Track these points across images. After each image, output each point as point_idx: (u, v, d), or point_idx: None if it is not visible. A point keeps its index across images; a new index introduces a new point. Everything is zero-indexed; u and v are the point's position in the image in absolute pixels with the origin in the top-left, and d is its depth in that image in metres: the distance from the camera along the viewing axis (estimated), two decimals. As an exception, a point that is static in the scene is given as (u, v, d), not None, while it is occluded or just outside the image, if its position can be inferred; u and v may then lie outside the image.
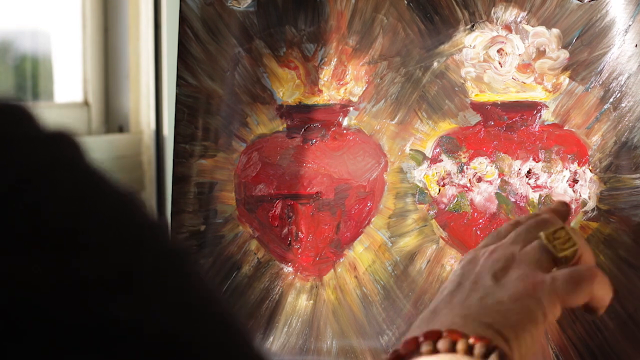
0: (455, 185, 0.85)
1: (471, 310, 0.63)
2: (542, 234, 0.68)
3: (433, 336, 0.60)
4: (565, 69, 0.82)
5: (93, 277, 0.33)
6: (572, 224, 0.82)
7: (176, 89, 0.91)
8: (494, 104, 0.84)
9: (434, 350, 0.60)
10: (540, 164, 0.83)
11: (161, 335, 0.34)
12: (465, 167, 0.84)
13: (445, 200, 0.85)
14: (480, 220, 0.84)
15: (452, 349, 0.59)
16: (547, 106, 0.82)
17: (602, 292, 0.67)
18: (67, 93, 1.20)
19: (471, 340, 0.59)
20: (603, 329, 0.80)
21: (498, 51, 0.83)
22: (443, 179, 0.85)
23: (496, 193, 0.84)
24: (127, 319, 0.33)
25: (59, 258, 0.33)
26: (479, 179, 0.84)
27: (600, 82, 0.80)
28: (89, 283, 0.33)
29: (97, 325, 0.33)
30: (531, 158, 0.83)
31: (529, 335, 0.62)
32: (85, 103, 1.20)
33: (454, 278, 0.67)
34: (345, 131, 0.88)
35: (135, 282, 0.34)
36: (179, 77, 0.91)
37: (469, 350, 0.59)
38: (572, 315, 0.81)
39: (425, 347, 0.60)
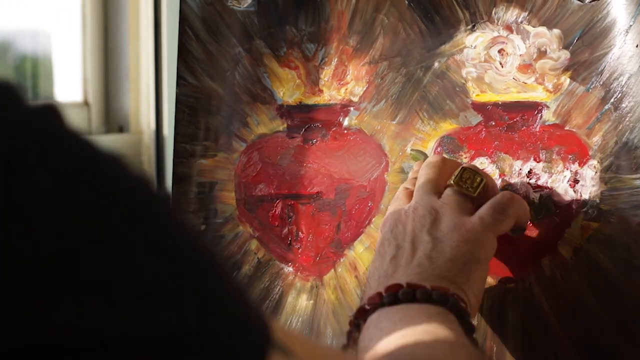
0: (455, 186, 0.85)
1: (422, 267, 0.69)
2: (451, 181, 0.76)
3: (394, 289, 0.67)
4: (566, 69, 0.82)
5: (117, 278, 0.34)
6: (572, 225, 0.82)
7: (176, 88, 0.91)
8: (495, 104, 0.84)
9: (395, 302, 0.66)
10: (541, 164, 0.83)
11: (190, 337, 0.35)
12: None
13: (445, 200, 0.85)
14: (481, 220, 0.84)
15: (412, 299, 0.66)
16: (548, 106, 0.82)
17: (521, 210, 0.76)
18: (67, 93, 1.20)
19: (429, 288, 0.66)
20: (603, 329, 0.80)
21: (499, 51, 0.84)
22: (444, 179, 0.85)
23: (497, 193, 0.84)
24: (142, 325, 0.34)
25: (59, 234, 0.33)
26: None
27: (601, 83, 0.80)
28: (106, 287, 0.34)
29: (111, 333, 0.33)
30: (532, 158, 0.83)
31: (477, 274, 0.71)
32: (85, 103, 1.20)
33: (390, 243, 0.73)
34: (345, 131, 0.88)
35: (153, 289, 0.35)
36: (179, 77, 0.91)
37: (427, 299, 0.66)
38: (572, 315, 0.81)
39: (387, 299, 0.66)
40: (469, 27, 0.84)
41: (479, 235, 0.72)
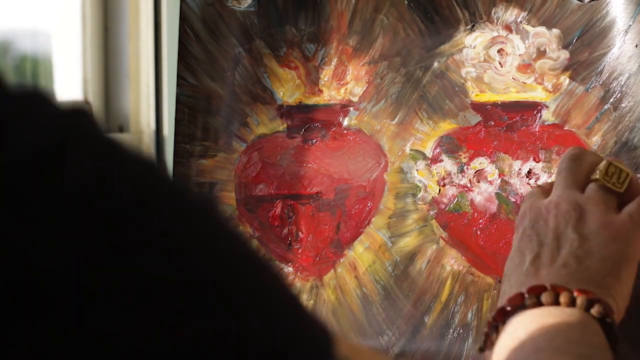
0: (455, 186, 0.85)
1: (568, 267, 0.65)
2: (597, 175, 0.70)
3: (537, 291, 0.63)
4: (565, 69, 0.82)
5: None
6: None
7: (176, 89, 0.91)
8: (495, 104, 0.84)
9: (538, 304, 0.63)
10: (540, 164, 0.83)
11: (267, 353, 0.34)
12: (465, 167, 0.85)
13: (445, 200, 0.85)
14: (481, 221, 0.84)
15: (555, 302, 0.62)
16: (547, 106, 0.82)
17: None
18: (67, 93, 1.20)
19: (575, 294, 0.62)
20: (603, 329, 0.80)
21: (498, 51, 0.84)
22: (443, 179, 0.85)
23: (496, 193, 0.84)
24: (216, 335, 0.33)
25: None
26: (481, 176, 0.84)
27: (601, 83, 0.80)
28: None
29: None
30: (531, 158, 0.83)
31: (627, 275, 0.66)
32: (85, 103, 1.20)
33: (531, 239, 0.69)
34: (345, 131, 0.88)
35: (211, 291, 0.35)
36: (179, 77, 0.91)
37: (572, 303, 0.62)
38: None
39: (529, 301, 0.63)
40: (469, 27, 0.84)
41: (629, 233, 0.67)
